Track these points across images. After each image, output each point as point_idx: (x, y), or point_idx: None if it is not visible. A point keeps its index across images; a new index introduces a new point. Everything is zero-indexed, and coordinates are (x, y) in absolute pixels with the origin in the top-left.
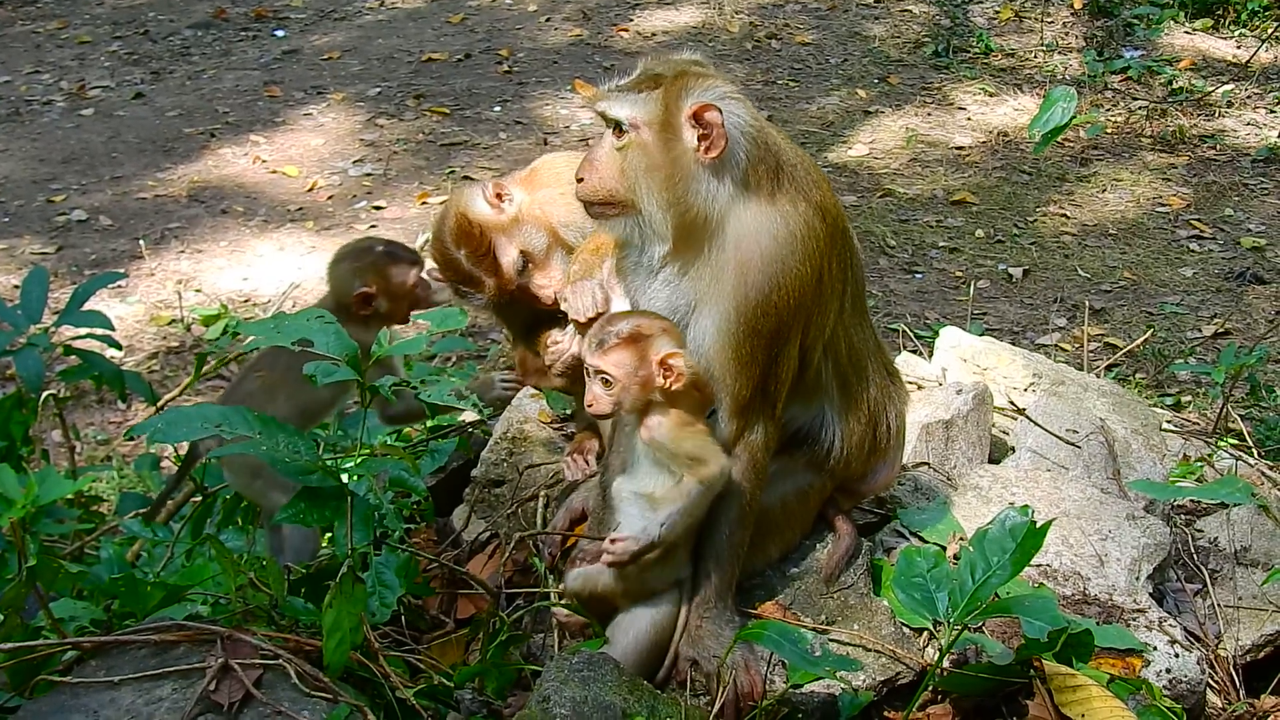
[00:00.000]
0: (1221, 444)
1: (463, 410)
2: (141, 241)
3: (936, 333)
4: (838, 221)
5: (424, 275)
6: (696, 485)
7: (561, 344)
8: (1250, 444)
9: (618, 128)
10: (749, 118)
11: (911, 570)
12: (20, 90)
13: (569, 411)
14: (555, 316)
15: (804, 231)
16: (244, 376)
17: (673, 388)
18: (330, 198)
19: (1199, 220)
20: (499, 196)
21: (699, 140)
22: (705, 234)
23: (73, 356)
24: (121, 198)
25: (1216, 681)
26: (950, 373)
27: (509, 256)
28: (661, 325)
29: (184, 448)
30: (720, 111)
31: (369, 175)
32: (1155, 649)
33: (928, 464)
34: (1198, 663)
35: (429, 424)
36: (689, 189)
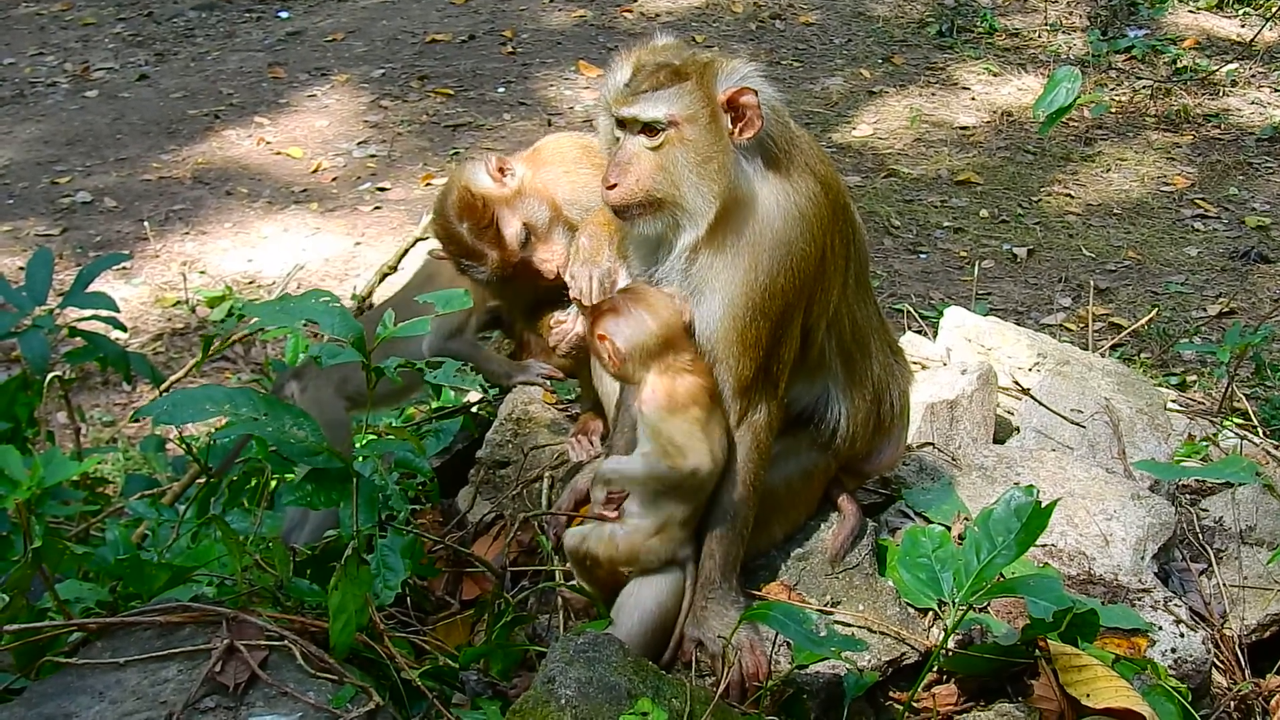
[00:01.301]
0: (1226, 423)
1: (468, 390)
2: (146, 223)
3: (941, 313)
4: (839, 197)
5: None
6: (664, 465)
7: (566, 324)
8: (1255, 423)
9: (649, 128)
10: (775, 92)
11: (916, 550)
12: (25, 72)
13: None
14: (557, 296)
15: (811, 210)
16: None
17: (610, 368)
18: (334, 179)
19: (1203, 199)
20: (501, 170)
21: (733, 123)
22: (731, 216)
23: (77, 338)
24: (126, 179)
25: (1222, 661)
26: (955, 353)
27: (512, 228)
28: (625, 304)
29: (190, 429)
30: (755, 93)
31: (373, 157)
32: (1160, 629)
33: (932, 444)
34: (1203, 642)
35: (433, 405)
36: (732, 174)
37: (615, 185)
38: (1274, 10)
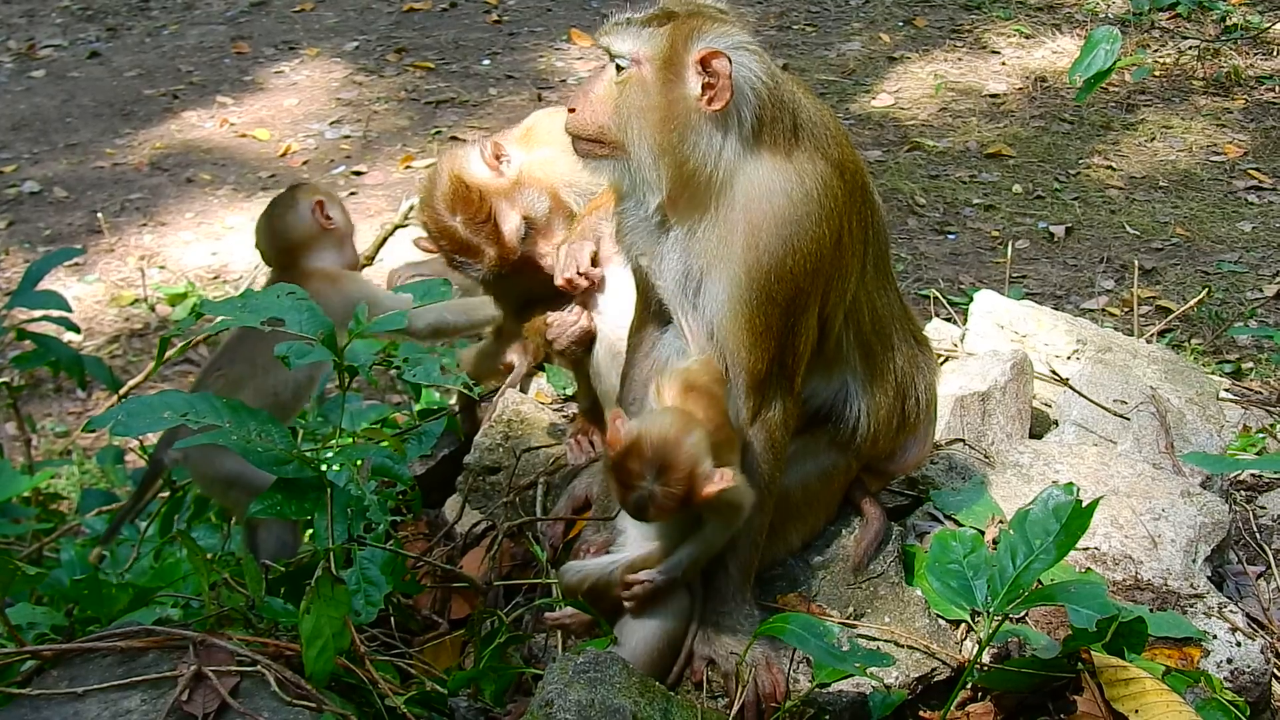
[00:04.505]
0: None
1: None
2: (100, 214)
3: (971, 298)
4: (857, 179)
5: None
6: (724, 529)
7: (568, 316)
8: None
9: (619, 62)
10: (762, 71)
11: (947, 556)
12: None
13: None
14: (548, 295)
15: (820, 191)
16: (203, 378)
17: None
18: (305, 163)
19: (1257, 169)
20: (498, 157)
21: (703, 89)
22: (710, 192)
23: (27, 341)
24: (77, 167)
25: None
26: (987, 340)
27: (511, 223)
28: (685, 437)
29: (151, 439)
30: (729, 60)
31: (347, 137)
32: (1215, 637)
33: (963, 440)
34: (1261, 651)
35: (417, 407)
36: (685, 139)
37: (574, 110)
38: None
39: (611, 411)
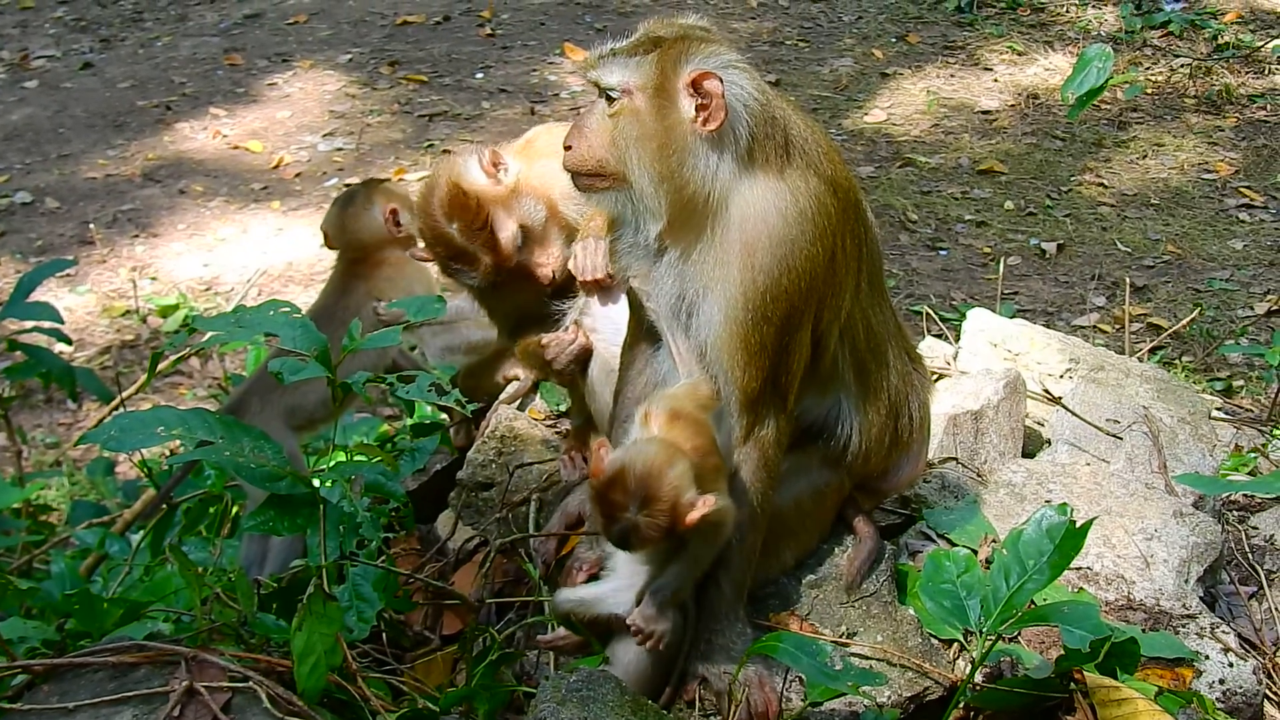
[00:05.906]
0: (1276, 433)
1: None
2: (92, 225)
3: (963, 315)
4: (850, 195)
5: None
6: (709, 548)
7: (565, 337)
8: None
9: (609, 94)
10: (753, 89)
11: (939, 576)
12: None
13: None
14: (542, 312)
15: (814, 209)
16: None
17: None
18: (298, 175)
19: (1249, 187)
20: (495, 165)
21: (697, 111)
22: (706, 214)
23: (18, 352)
24: (69, 177)
25: (1274, 692)
26: (980, 358)
27: (508, 231)
28: (669, 469)
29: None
30: (721, 81)
31: (340, 150)
32: (1207, 658)
33: (955, 459)
34: (1254, 672)
35: (410, 421)
36: (684, 163)
37: (571, 147)
38: None
39: (596, 440)
